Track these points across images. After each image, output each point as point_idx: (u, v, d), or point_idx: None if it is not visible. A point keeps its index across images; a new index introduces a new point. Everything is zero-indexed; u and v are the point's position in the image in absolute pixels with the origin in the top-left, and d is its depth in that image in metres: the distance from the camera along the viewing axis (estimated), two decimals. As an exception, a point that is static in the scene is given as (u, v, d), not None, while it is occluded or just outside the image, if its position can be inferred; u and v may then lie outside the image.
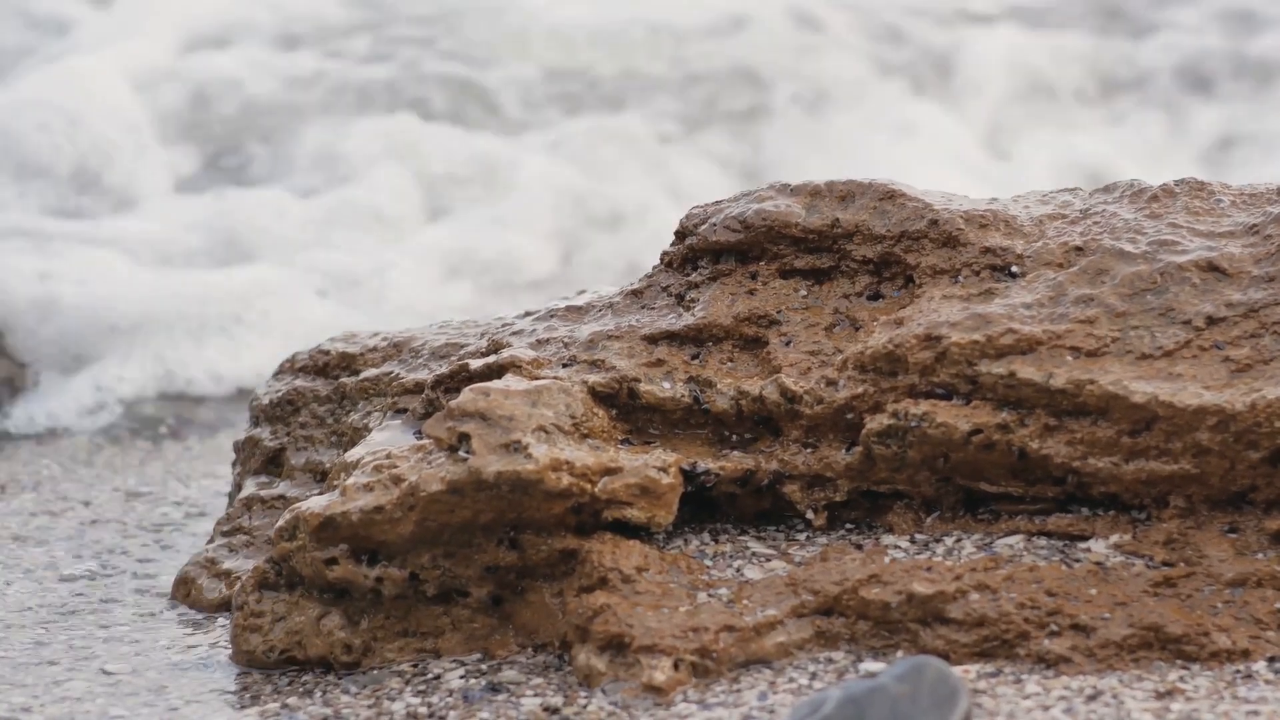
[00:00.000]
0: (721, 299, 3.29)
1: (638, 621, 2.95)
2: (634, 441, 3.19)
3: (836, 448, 3.15)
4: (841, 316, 3.26)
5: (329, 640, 3.10)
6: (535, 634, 3.07)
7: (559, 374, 3.23)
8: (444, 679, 3.02)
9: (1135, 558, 3.02)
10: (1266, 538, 3.01)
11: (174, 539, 3.82)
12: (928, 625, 2.95)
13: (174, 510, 3.99)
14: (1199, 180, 3.32)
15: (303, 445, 3.57)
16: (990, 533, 3.11)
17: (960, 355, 3.08)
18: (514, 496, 3.00)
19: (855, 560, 3.06)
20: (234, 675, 3.12)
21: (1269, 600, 2.94)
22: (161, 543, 3.79)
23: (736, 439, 3.21)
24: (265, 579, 3.14)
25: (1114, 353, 3.06)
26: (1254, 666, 2.87)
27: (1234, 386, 3.00)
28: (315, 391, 3.61)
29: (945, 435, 3.07)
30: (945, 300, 3.17)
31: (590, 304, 3.42)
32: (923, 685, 2.61)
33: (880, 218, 3.28)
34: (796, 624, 2.98)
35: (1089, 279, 3.14)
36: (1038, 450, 3.05)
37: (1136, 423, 3.01)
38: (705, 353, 3.26)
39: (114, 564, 3.67)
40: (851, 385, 3.15)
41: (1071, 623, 2.92)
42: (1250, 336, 3.06)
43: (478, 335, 3.47)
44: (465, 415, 3.07)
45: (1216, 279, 3.12)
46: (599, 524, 3.06)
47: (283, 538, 3.10)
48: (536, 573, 3.06)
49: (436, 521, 3.02)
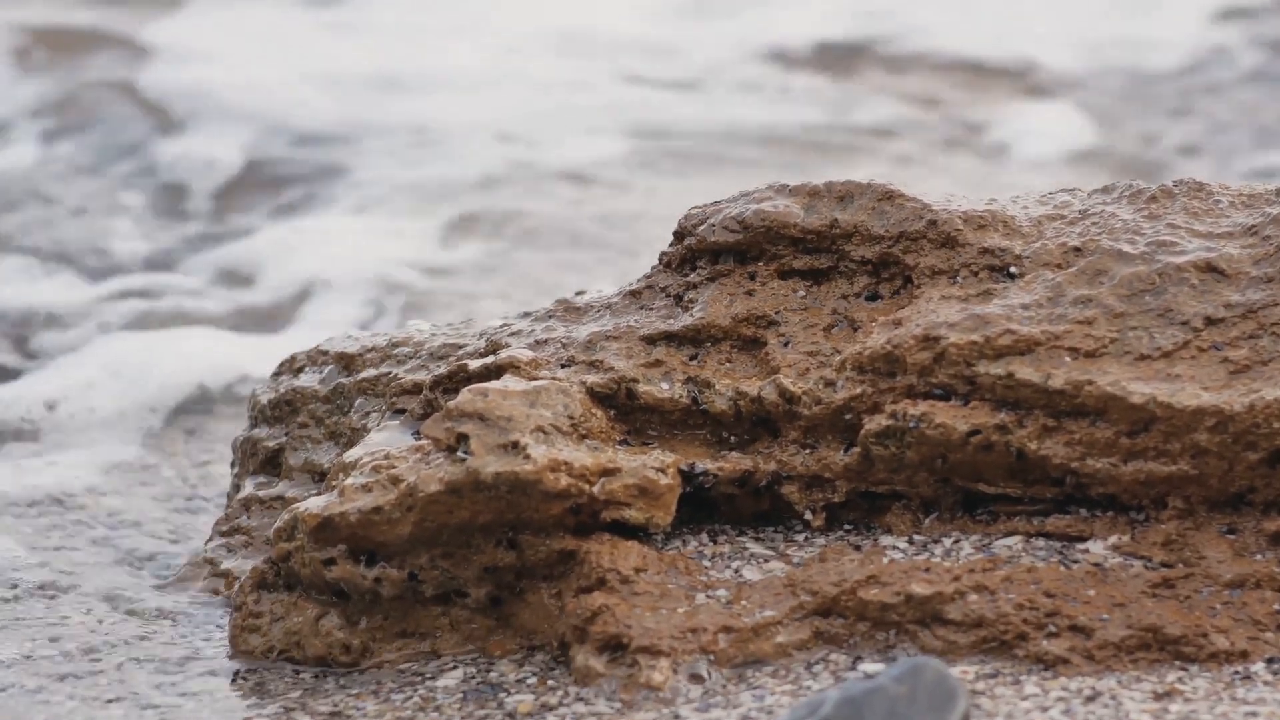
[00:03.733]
0: (720, 300, 3.29)
1: (636, 622, 2.95)
2: (632, 442, 3.19)
3: (835, 448, 3.15)
4: (840, 317, 3.26)
5: (327, 640, 3.10)
6: (533, 634, 3.07)
7: (557, 375, 3.23)
8: (442, 679, 3.03)
9: (1134, 559, 3.02)
10: (1265, 539, 3.01)
11: (173, 538, 3.81)
12: (926, 626, 2.95)
13: (172, 510, 3.99)
14: (1197, 181, 3.32)
15: (301, 445, 3.57)
16: (989, 534, 3.11)
17: (959, 356, 3.08)
18: (512, 497, 3.00)
19: (854, 561, 3.06)
20: (232, 675, 3.12)
21: (1267, 601, 2.94)
22: (160, 542, 3.79)
23: (735, 440, 3.21)
24: (264, 579, 3.15)
25: (1112, 353, 3.06)
26: (1252, 667, 2.87)
27: (1232, 387, 3.00)
28: (314, 392, 3.61)
29: (943, 436, 3.07)
30: (944, 301, 3.17)
31: (589, 305, 3.42)
32: (921, 686, 2.61)
33: (879, 218, 3.28)
34: (795, 625, 2.98)
35: (1087, 280, 3.14)
36: (1036, 451, 3.05)
37: (1135, 424, 3.01)
38: (704, 353, 3.26)
39: (111, 563, 3.67)
40: (850, 386, 3.15)
41: (1070, 624, 2.92)
42: (1249, 337, 3.06)
43: (476, 336, 3.47)
44: (464, 416, 3.07)
45: (1215, 280, 3.12)
46: (597, 525, 3.06)
47: (281, 538, 3.10)
48: (535, 573, 3.06)
49: (435, 522, 3.02)
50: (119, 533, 3.85)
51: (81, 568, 3.65)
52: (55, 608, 3.45)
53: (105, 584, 3.56)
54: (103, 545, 3.78)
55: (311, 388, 3.61)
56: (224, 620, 3.33)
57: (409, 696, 2.99)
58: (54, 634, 3.33)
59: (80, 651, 3.25)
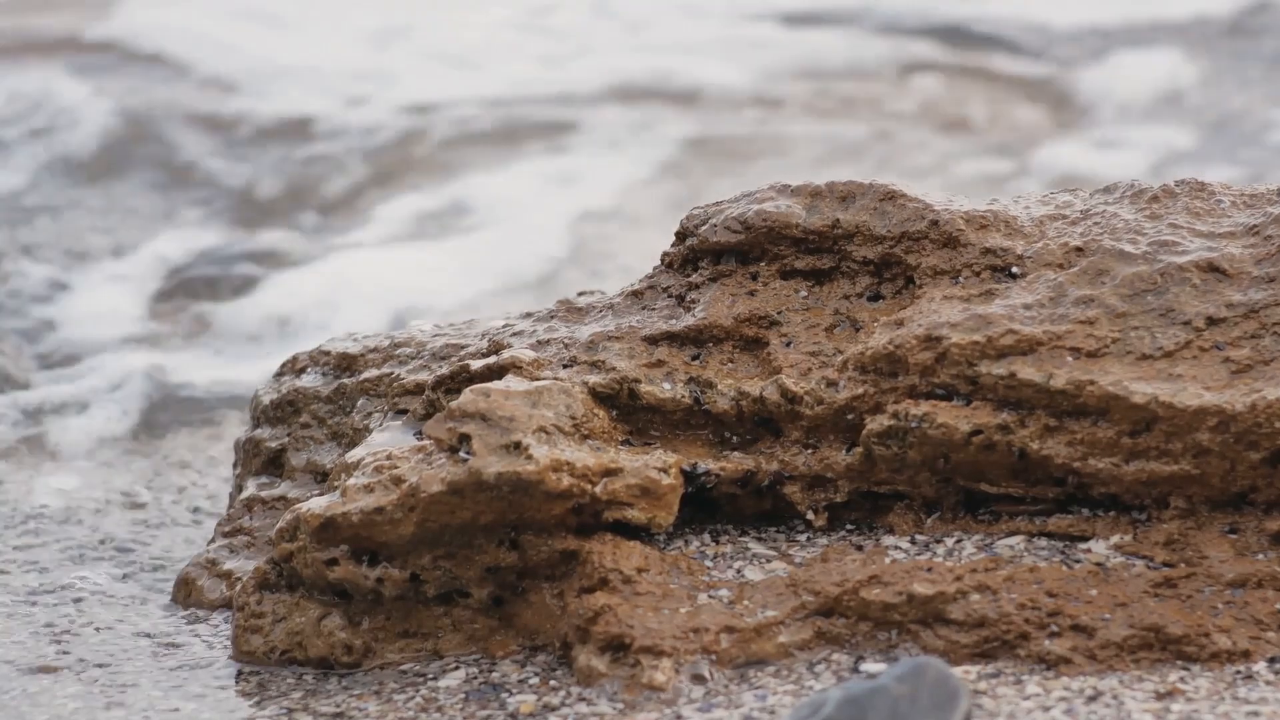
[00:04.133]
0: (722, 300, 3.29)
1: (638, 622, 2.95)
2: (634, 442, 3.20)
3: (837, 448, 3.16)
4: (842, 317, 3.26)
5: (330, 641, 3.10)
6: (536, 635, 3.08)
7: (559, 375, 3.23)
8: (444, 680, 3.03)
9: (1136, 558, 3.02)
10: (1267, 538, 3.01)
11: (174, 539, 3.82)
12: (928, 626, 2.95)
13: (174, 510, 3.99)
14: (1199, 181, 3.32)
15: (303, 446, 3.57)
16: (991, 533, 3.11)
17: (961, 356, 3.08)
18: (514, 497, 3.00)
19: (856, 561, 3.06)
20: (234, 676, 3.12)
21: (1269, 601, 2.94)
22: (162, 543, 3.80)
23: (737, 440, 3.21)
24: (266, 580, 3.15)
25: (1114, 353, 3.06)
26: (1254, 667, 2.87)
27: (1234, 387, 3.00)
28: (316, 392, 3.61)
29: (945, 436, 3.07)
30: (946, 301, 3.17)
31: (591, 305, 3.42)
32: (923, 686, 2.62)
33: (881, 218, 3.28)
34: (797, 625, 2.98)
35: (1089, 280, 3.14)
36: (1038, 451, 3.05)
37: (1137, 423, 3.01)
38: (706, 353, 3.26)
39: (113, 563, 3.67)
40: (852, 386, 3.15)
41: (1072, 623, 2.92)
42: (1250, 337, 3.06)
43: (478, 336, 3.47)
44: (466, 416, 3.07)
45: (1217, 279, 3.12)
46: (599, 525, 3.06)
47: (283, 538, 3.10)
48: (537, 573, 3.06)
49: (437, 522, 3.02)
50: (120, 533, 3.85)
51: (82, 568, 3.65)
52: (56, 608, 3.45)
53: (106, 584, 3.56)
54: (103, 545, 3.78)
55: (314, 388, 3.62)
56: (226, 621, 3.34)
57: (411, 697, 2.99)
58: (55, 634, 3.33)
59: (81, 652, 3.25)
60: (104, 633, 3.33)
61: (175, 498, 4.09)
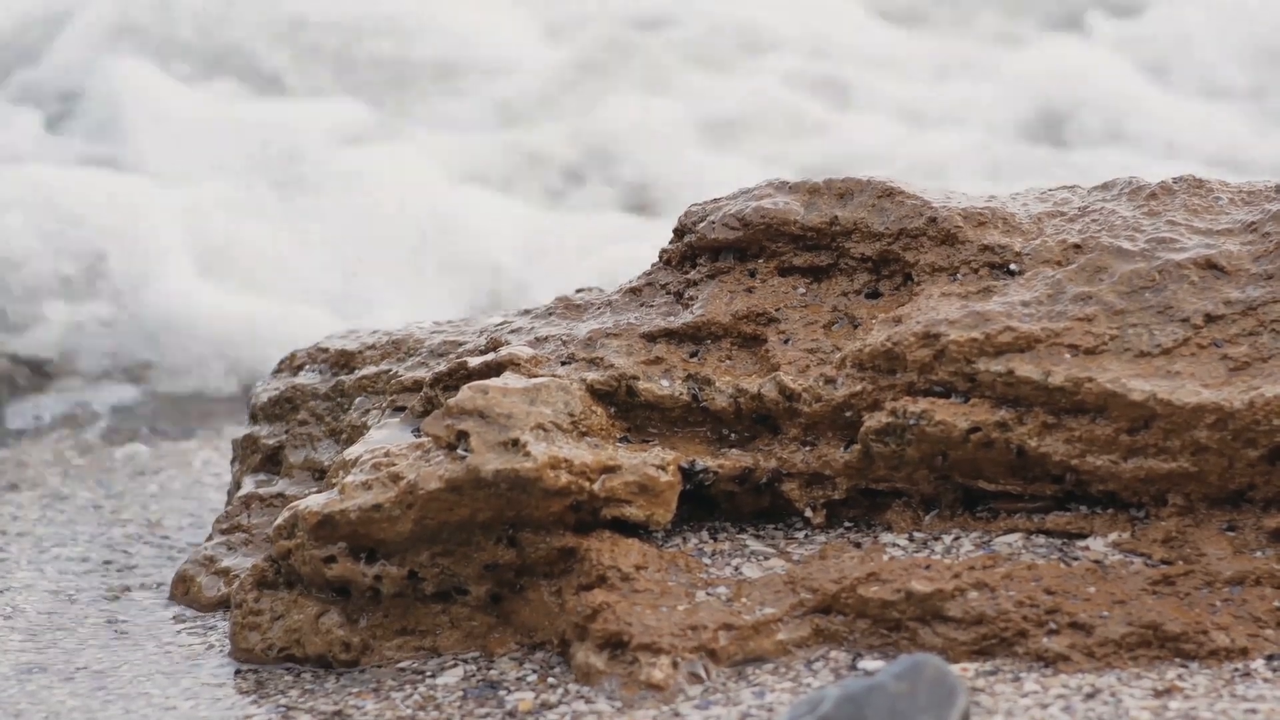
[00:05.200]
0: (720, 297, 3.29)
1: (636, 620, 2.95)
2: (632, 439, 3.19)
3: (835, 446, 3.15)
4: (840, 314, 3.26)
5: (328, 638, 3.10)
6: (534, 632, 3.07)
7: (557, 372, 3.23)
8: (442, 677, 3.02)
9: (1134, 556, 3.02)
10: (1265, 535, 3.01)
11: (172, 537, 3.82)
12: (926, 623, 2.95)
13: (172, 508, 3.99)
14: (1197, 178, 3.32)
15: (301, 443, 3.57)
16: (989, 531, 3.11)
17: (959, 353, 3.08)
18: (512, 494, 3.00)
19: (854, 558, 3.06)
20: (232, 673, 3.12)
21: (1267, 598, 2.94)
22: (160, 540, 3.79)
23: (735, 437, 3.21)
24: (264, 577, 3.15)
25: (1112, 350, 3.06)
26: (1252, 664, 2.87)
27: (1232, 384, 3.00)
28: (314, 389, 3.61)
29: (944, 433, 3.07)
30: (944, 298, 3.17)
31: (589, 302, 3.42)
32: (921, 683, 2.61)
33: (879, 215, 3.28)
34: (795, 622, 2.98)
35: (1087, 277, 3.14)
36: (1036, 448, 3.05)
37: (1135, 421, 3.01)
38: (704, 350, 3.26)
39: (112, 562, 3.67)
40: (850, 383, 3.15)
41: (1070, 621, 2.92)
42: (1248, 334, 3.06)
43: (476, 333, 3.47)
44: (464, 413, 3.07)
45: (1215, 277, 3.12)
46: (598, 522, 3.06)
47: (281, 536, 3.10)
48: (535, 571, 3.06)
49: (435, 520, 3.02)
50: (118, 530, 3.85)
51: (80, 566, 3.65)
52: (54, 606, 3.45)
53: (104, 582, 3.56)
54: (102, 544, 3.78)
55: (311, 385, 3.62)
56: (224, 618, 3.33)
57: (409, 695, 2.99)
58: (53, 633, 3.33)
59: (79, 650, 3.25)
60: (101, 630, 3.33)
61: (173, 495, 4.09)
